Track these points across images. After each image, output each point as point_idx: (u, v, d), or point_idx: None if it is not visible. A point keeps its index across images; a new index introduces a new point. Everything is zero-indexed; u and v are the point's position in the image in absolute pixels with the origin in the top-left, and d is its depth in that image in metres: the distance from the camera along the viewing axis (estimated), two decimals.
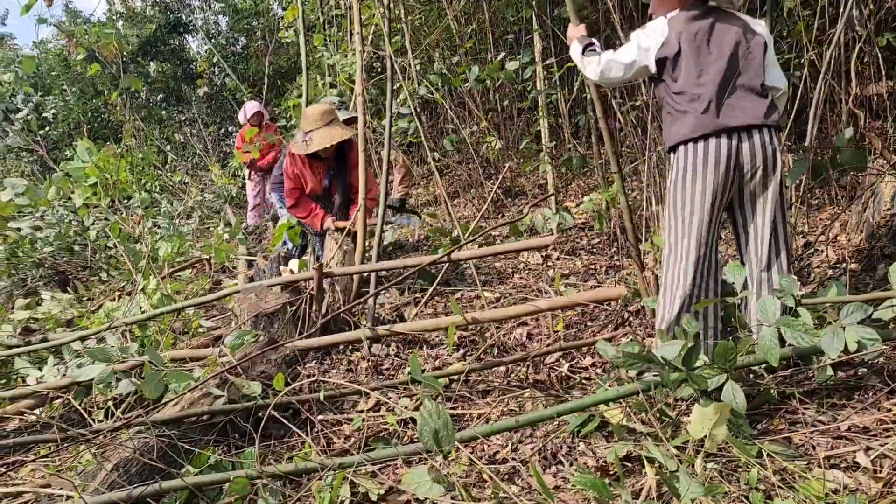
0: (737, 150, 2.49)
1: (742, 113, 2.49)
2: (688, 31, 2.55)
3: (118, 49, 4.14)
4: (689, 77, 2.54)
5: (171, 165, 10.93)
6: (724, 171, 2.48)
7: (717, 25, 2.57)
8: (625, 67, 2.66)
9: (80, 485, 2.00)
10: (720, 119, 2.48)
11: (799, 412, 2.22)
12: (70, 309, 4.81)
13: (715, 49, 2.55)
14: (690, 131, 2.51)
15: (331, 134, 4.28)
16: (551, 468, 2.18)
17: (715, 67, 2.52)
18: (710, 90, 2.50)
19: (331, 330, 3.41)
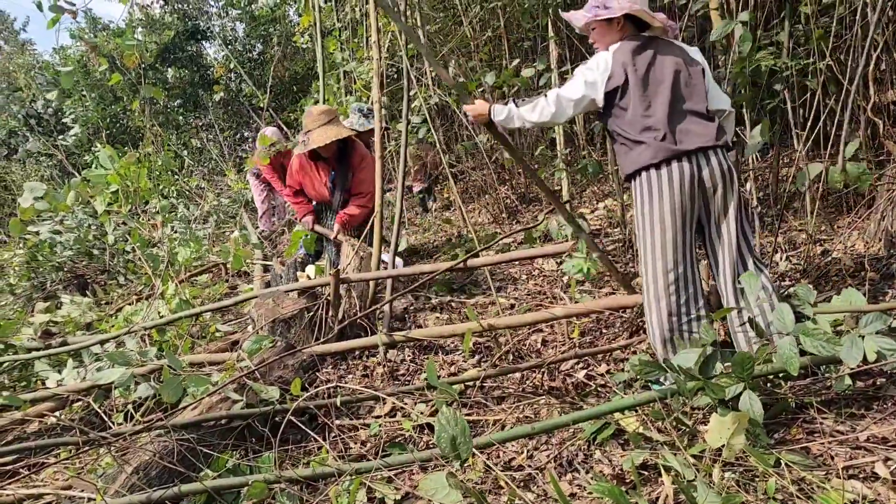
0: (698, 171, 2.59)
1: (695, 137, 2.59)
2: (632, 63, 2.65)
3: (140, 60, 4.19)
4: (637, 107, 2.63)
5: (187, 170, 11.03)
6: (688, 191, 2.58)
7: (658, 56, 2.68)
8: (574, 104, 2.73)
9: (101, 487, 2.03)
10: (677, 145, 2.58)
11: (817, 422, 2.21)
12: (89, 312, 4.86)
13: (659, 78, 2.65)
14: (651, 158, 2.59)
15: (327, 132, 4.33)
16: (567, 475, 2.19)
17: (662, 96, 2.63)
18: (661, 118, 2.60)
19: (347, 335, 3.43)
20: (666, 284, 2.61)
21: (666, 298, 2.62)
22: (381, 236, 3.98)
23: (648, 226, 2.65)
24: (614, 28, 2.78)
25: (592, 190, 6.75)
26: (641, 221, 2.68)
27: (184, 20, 12.47)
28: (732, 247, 2.64)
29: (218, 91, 10.64)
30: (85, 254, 6.26)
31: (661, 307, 2.63)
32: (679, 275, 2.61)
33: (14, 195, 10.52)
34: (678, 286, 2.61)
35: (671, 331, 2.62)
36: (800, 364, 2.16)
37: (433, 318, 3.85)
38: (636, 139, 2.64)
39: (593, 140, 6.56)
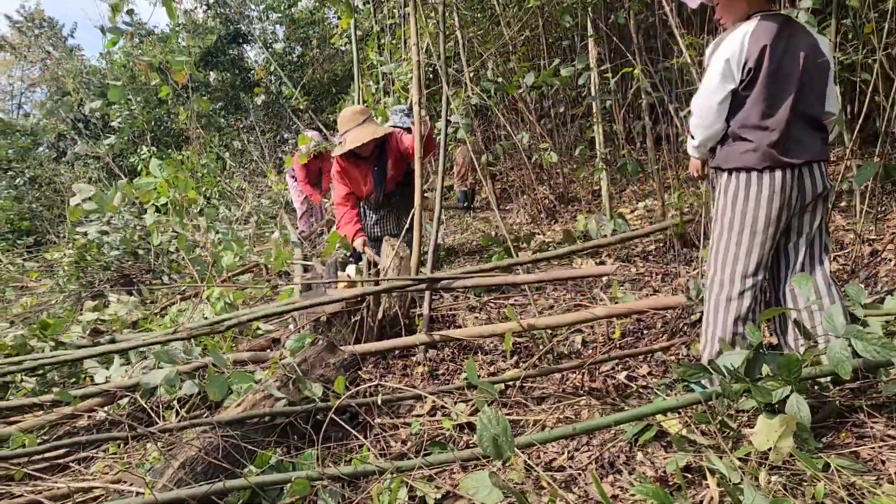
0: (799, 185, 2.43)
1: (805, 150, 2.42)
2: (769, 50, 2.36)
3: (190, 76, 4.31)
4: (759, 100, 2.41)
5: (229, 172, 11.22)
6: (787, 202, 2.43)
7: (792, 42, 2.40)
8: (717, 110, 2.47)
9: (149, 481, 2.08)
10: (787, 156, 2.40)
11: (867, 426, 2.16)
12: (135, 311, 4.98)
13: (788, 71, 2.39)
14: (757, 162, 2.42)
15: (363, 132, 4.36)
16: (608, 477, 2.17)
17: (786, 93, 2.39)
18: (780, 121, 2.39)
19: (387, 335, 3.46)
20: (742, 289, 2.50)
21: (737, 302, 2.51)
22: (420, 238, 4.00)
23: (737, 227, 2.50)
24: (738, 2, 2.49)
25: (632, 189, 6.69)
26: (728, 219, 2.52)
27: (226, 24, 12.70)
28: (815, 259, 2.53)
29: (258, 93, 10.82)
30: (130, 254, 6.42)
31: (729, 310, 2.53)
32: (757, 282, 2.50)
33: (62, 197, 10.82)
34: (753, 293, 2.50)
35: (732, 335, 2.53)
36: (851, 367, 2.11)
37: (472, 319, 3.86)
38: (747, 136, 2.44)
39: (633, 139, 6.50)
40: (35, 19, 18.95)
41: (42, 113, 16.20)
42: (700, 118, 2.52)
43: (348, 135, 4.41)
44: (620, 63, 5.29)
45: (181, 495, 1.99)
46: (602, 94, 5.33)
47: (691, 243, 4.52)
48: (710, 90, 2.45)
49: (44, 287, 6.67)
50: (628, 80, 5.65)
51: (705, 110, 2.48)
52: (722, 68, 2.41)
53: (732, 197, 2.50)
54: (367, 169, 4.65)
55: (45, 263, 7.68)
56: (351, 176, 4.66)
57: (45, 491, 2.33)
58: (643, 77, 4.82)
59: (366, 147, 4.47)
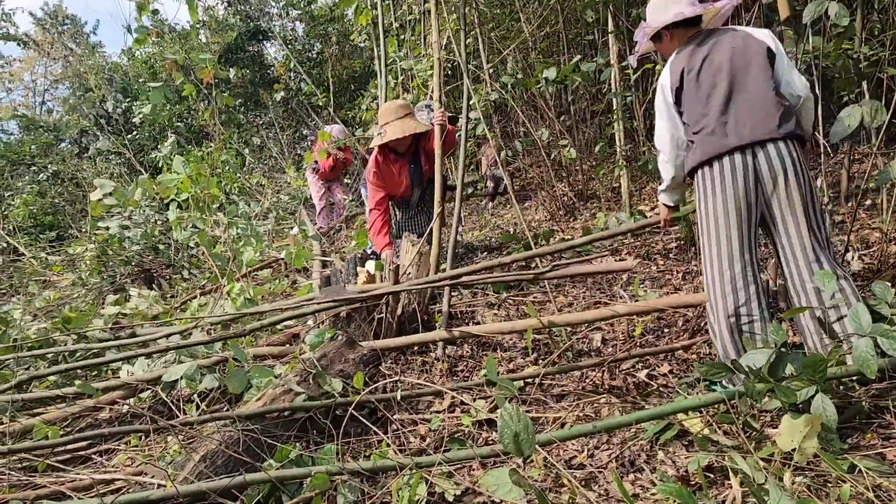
0: (753, 165, 2.51)
1: (749, 130, 2.50)
2: (687, 65, 2.65)
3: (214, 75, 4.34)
4: (694, 107, 2.63)
5: (248, 168, 11.28)
6: (742, 186, 2.51)
7: (713, 50, 2.64)
8: (671, 140, 2.76)
9: (171, 474, 2.09)
10: (727, 138, 2.52)
11: (893, 427, 2.12)
12: (155, 305, 5.02)
13: (714, 73, 2.61)
14: (701, 156, 2.58)
15: (405, 126, 4.36)
16: (629, 475, 2.15)
17: (718, 90, 2.59)
18: (714, 114, 2.56)
19: (406, 331, 3.46)
20: (723, 284, 2.55)
21: (723, 299, 2.55)
22: (440, 235, 3.99)
23: (705, 224, 2.61)
24: (665, 41, 2.85)
25: (652, 187, 6.63)
26: (699, 220, 2.65)
27: (246, 21, 12.76)
28: (804, 245, 2.50)
29: (278, 90, 10.86)
30: (151, 248, 6.47)
31: (719, 307, 2.56)
32: (736, 274, 2.53)
33: (85, 192, 10.93)
34: (735, 286, 2.52)
35: (731, 331, 2.53)
36: (877, 367, 2.08)
37: (491, 315, 3.85)
38: (691, 139, 2.66)
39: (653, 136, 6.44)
40: (58, 16, 19.16)
41: (65, 109, 16.39)
42: (662, 152, 2.81)
43: (388, 127, 4.41)
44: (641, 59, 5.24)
45: (202, 488, 2.00)
46: (623, 90, 5.29)
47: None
48: (658, 129, 2.80)
49: (66, 281, 6.75)
50: (649, 76, 5.60)
51: (660, 144, 2.81)
52: (658, 107, 2.78)
53: (697, 198, 2.66)
54: (403, 165, 4.65)
55: (68, 258, 7.77)
56: (387, 174, 4.65)
57: (67, 483, 2.35)
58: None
59: (403, 142, 4.47)
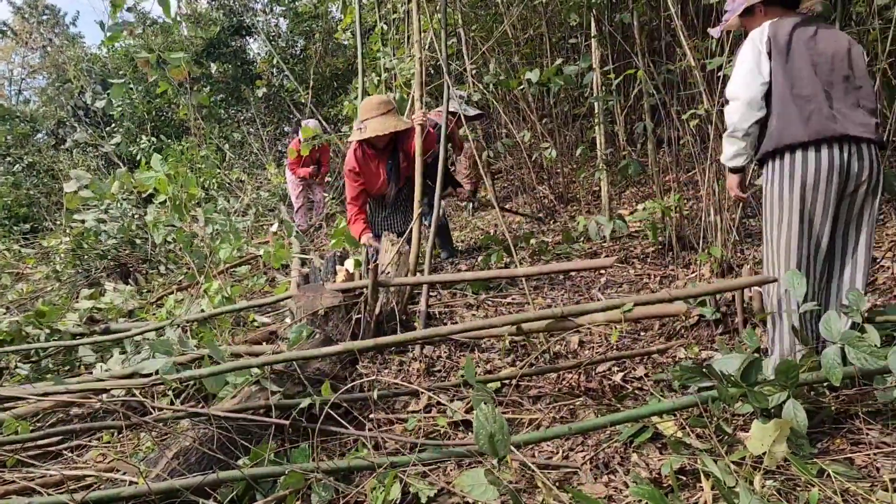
0: (849, 163, 2.41)
1: (856, 125, 2.41)
2: (796, 34, 2.49)
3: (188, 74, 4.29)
4: (799, 75, 2.45)
5: (228, 163, 11.19)
6: (830, 178, 2.41)
7: (821, 32, 2.52)
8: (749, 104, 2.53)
9: (143, 470, 2.07)
10: (837, 125, 2.39)
11: (862, 432, 2.16)
12: (131, 300, 4.97)
13: (824, 53, 2.47)
14: (805, 135, 2.40)
15: (385, 123, 4.34)
16: (603, 477, 2.17)
17: (825, 69, 2.45)
18: (820, 92, 2.42)
19: (384, 330, 3.46)
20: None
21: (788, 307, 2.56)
22: (419, 235, 4.00)
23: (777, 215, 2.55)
24: (758, 16, 2.65)
25: (632, 191, 6.69)
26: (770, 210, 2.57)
27: (229, 16, 12.66)
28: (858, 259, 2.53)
29: (260, 86, 10.79)
30: (128, 243, 6.40)
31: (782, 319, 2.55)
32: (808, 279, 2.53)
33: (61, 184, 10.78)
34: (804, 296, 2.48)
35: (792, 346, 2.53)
36: (845, 374, 2.11)
37: (469, 316, 3.85)
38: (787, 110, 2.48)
39: (634, 141, 6.50)
40: (37, 6, 18.88)
41: (42, 100, 16.16)
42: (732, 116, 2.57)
43: (369, 122, 4.38)
44: (623, 64, 5.28)
45: (175, 485, 1.99)
46: (604, 94, 5.32)
47: (690, 246, 4.52)
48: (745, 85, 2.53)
49: (40, 274, 6.65)
50: (631, 81, 5.65)
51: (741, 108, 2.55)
52: (752, 52, 2.53)
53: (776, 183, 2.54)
54: (381, 161, 4.64)
55: (42, 250, 7.66)
56: (365, 169, 4.63)
57: (37, 478, 2.32)
58: (646, 79, 4.82)
59: (382, 138, 4.46)
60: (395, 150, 4.64)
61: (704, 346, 3.20)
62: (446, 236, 5.51)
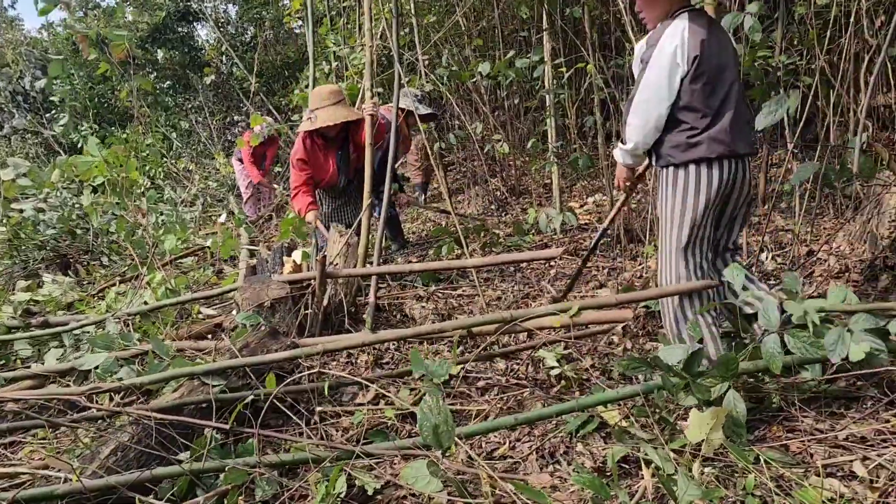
0: (742, 174, 2.51)
1: (745, 142, 2.49)
2: (706, 49, 2.39)
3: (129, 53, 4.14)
4: (704, 98, 2.43)
5: (175, 152, 10.93)
6: (725, 192, 2.49)
7: (720, 40, 2.48)
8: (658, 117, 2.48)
9: (77, 468, 2.01)
10: (738, 146, 2.44)
11: (798, 420, 2.22)
12: (71, 292, 4.81)
13: (723, 70, 2.45)
14: (707, 152, 2.43)
15: (336, 113, 4.28)
16: (549, 467, 2.19)
17: (731, 93, 2.46)
18: (728, 113, 2.43)
19: (332, 321, 3.42)
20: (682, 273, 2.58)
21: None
22: (368, 226, 3.97)
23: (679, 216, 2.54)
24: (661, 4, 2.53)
25: (583, 184, 6.76)
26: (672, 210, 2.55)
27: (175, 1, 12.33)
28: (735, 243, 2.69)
29: (209, 73, 10.53)
30: (68, 233, 6.19)
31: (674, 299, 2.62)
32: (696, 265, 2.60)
33: None
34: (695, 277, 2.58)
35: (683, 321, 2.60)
36: (783, 363, 2.18)
37: (419, 308, 3.84)
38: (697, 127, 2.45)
39: (585, 134, 6.56)
40: None
41: None
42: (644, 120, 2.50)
43: (319, 112, 4.30)
44: (574, 58, 5.32)
45: (110, 482, 1.93)
46: (555, 87, 5.36)
47: (637, 238, 4.59)
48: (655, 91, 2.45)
49: None
50: (582, 75, 5.70)
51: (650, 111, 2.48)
52: (665, 64, 2.41)
53: (679, 189, 2.52)
54: (331, 152, 4.56)
55: None
56: (314, 160, 4.54)
57: None
58: (596, 73, 4.86)
59: (333, 128, 4.38)
60: (345, 141, 4.58)
61: (651, 336, 3.26)
62: (397, 228, 5.49)
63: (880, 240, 3.39)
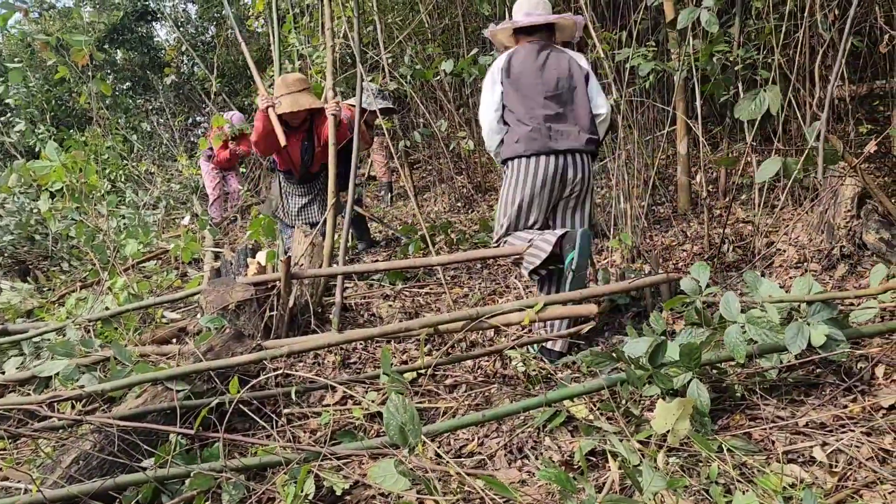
0: (566, 166, 3.11)
1: (566, 140, 3.10)
2: (527, 65, 3.17)
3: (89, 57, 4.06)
4: (522, 103, 3.14)
5: (136, 155, 10.74)
6: (550, 180, 3.10)
7: (550, 60, 3.19)
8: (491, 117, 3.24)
9: (38, 478, 1.96)
10: (552, 143, 3.09)
11: (760, 408, 2.26)
12: (30, 299, 4.70)
13: (548, 81, 3.15)
14: (525, 150, 3.10)
15: (300, 100, 4.26)
16: (517, 462, 2.20)
17: (550, 101, 3.13)
18: (540, 118, 3.11)
19: (297, 322, 3.39)
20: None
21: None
22: (334, 225, 3.94)
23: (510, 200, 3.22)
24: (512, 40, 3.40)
25: None
26: (504, 195, 3.25)
27: (133, 0, 12.11)
28: None
29: (169, 73, 10.37)
30: (26, 239, 6.06)
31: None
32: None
33: None
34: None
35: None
36: (747, 352, 2.22)
37: (386, 307, 3.83)
38: (512, 127, 3.18)
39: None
40: None
41: None
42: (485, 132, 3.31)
43: (284, 98, 4.27)
44: None
45: (72, 492, 1.89)
46: None
47: (602, 233, 4.63)
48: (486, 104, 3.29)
49: None
50: None
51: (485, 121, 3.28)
52: (490, 80, 3.26)
53: (507, 179, 3.22)
54: (295, 141, 4.52)
55: None
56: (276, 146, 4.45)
57: None
58: None
59: (297, 116, 4.36)
60: (310, 131, 4.54)
61: (616, 329, 3.30)
62: (363, 227, 5.46)
63: (837, 230, 3.47)
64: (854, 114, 4.90)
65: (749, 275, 2.49)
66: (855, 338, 2.40)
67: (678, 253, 4.28)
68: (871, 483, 1.81)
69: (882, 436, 1.99)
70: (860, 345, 2.52)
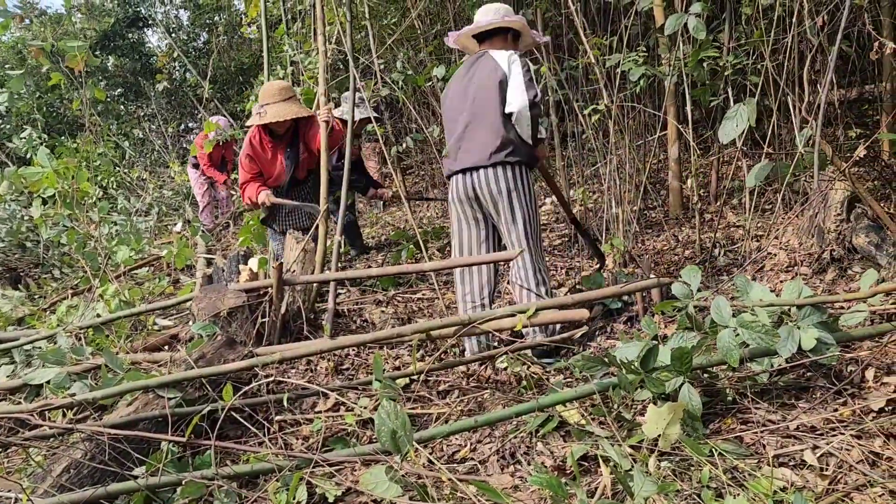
0: (473, 185, 3.15)
1: (469, 157, 3.12)
2: (455, 85, 3.30)
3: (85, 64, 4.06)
4: (448, 125, 3.30)
5: (128, 161, 10.72)
6: (466, 200, 3.20)
7: (472, 78, 3.19)
8: None
9: (28, 487, 1.96)
10: (455, 164, 3.18)
11: (751, 412, 2.27)
12: (21, 307, 4.69)
13: (462, 102, 3.20)
14: (445, 172, 3.31)
15: (286, 110, 4.23)
16: (509, 467, 2.20)
17: (460, 120, 3.18)
18: (454, 139, 3.20)
19: (290, 329, 3.39)
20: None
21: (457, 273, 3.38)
22: (325, 232, 3.94)
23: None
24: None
25: (541, 185, 6.81)
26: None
27: (124, 6, 12.10)
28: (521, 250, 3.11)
29: (161, 80, 10.35)
30: (18, 246, 6.03)
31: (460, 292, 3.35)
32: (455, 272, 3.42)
33: None
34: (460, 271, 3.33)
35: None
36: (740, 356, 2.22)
37: (378, 313, 3.83)
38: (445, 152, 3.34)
39: None
40: None
41: None
42: None
43: (269, 108, 4.24)
44: (531, 59, 5.36)
45: (63, 501, 1.88)
46: None
47: (595, 238, 4.64)
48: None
49: None
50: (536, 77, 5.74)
51: None
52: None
53: None
54: (280, 149, 4.49)
55: None
56: (262, 156, 4.45)
57: None
58: (550, 74, 4.91)
59: (282, 125, 4.33)
60: (295, 139, 4.51)
61: (608, 334, 3.31)
62: (356, 233, 5.46)
63: (827, 233, 3.48)
64: (843, 118, 4.94)
65: (740, 279, 2.50)
66: (845, 341, 2.42)
67: (670, 257, 4.30)
68: (861, 486, 1.82)
69: (872, 439, 2.00)
70: (850, 348, 2.54)
